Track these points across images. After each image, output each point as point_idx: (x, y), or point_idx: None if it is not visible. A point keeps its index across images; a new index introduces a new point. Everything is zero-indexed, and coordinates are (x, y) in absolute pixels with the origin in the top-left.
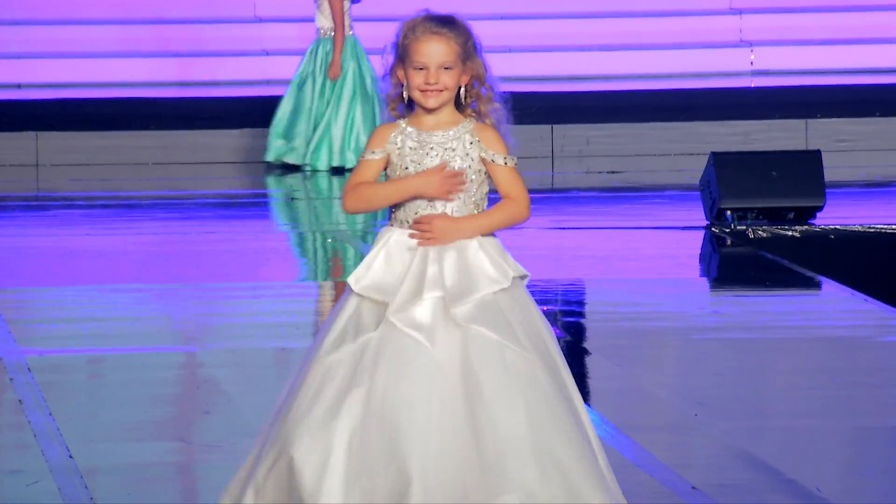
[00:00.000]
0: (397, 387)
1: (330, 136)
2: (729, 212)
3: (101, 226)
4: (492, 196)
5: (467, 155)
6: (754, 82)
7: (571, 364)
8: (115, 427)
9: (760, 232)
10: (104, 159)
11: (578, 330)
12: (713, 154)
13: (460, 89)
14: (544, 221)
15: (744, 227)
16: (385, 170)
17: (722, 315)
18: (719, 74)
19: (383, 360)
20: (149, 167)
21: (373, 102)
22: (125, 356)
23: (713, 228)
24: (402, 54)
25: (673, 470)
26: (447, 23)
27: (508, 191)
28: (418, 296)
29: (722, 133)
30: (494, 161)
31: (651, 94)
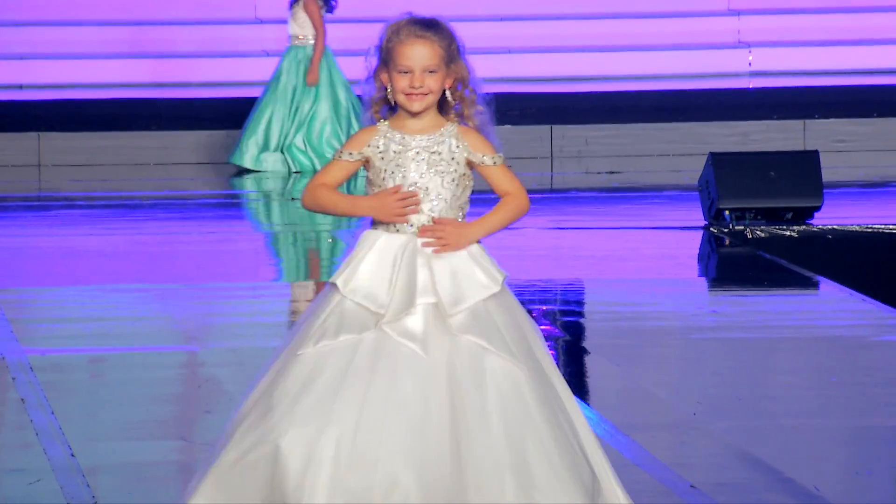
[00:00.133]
0: (391, 392)
1: (308, 141)
2: (727, 212)
3: (103, 226)
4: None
5: (453, 159)
6: (752, 83)
7: (571, 364)
8: (117, 426)
9: (759, 232)
10: (105, 160)
11: (577, 329)
12: (712, 154)
13: (444, 92)
14: (544, 221)
15: (742, 227)
16: (367, 173)
17: (720, 315)
18: (718, 75)
19: (378, 365)
20: (150, 167)
21: (343, 109)
22: (127, 355)
23: (712, 228)
24: (386, 57)
25: (672, 469)
26: (431, 26)
27: (506, 188)
28: (411, 305)
29: (720, 133)
30: (484, 162)
31: (650, 95)
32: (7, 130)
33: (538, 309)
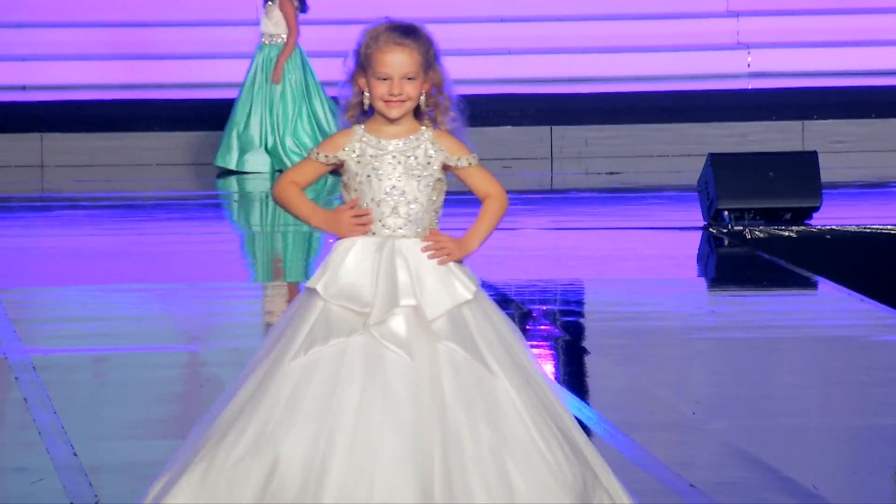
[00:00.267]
0: (384, 397)
1: (283, 142)
2: (726, 212)
3: (105, 226)
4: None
5: (429, 163)
6: (751, 84)
7: (571, 363)
8: (119, 425)
9: (757, 232)
10: (107, 160)
11: (577, 329)
12: (711, 155)
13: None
14: (543, 222)
15: (741, 228)
16: (342, 176)
17: (719, 315)
18: (717, 76)
19: (368, 370)
20: (152, 168)
21: (317, 109)
22: (129, 355)
23: (711, 229)
24: (365, 63)
25: (671, 468)
26: (410, 33)
27: (487, 189)
28: (395, 305)
29: (719, 134)
30: (460, 165)
31: (649, 96)
32: (10, 131)
33: (538, 309)
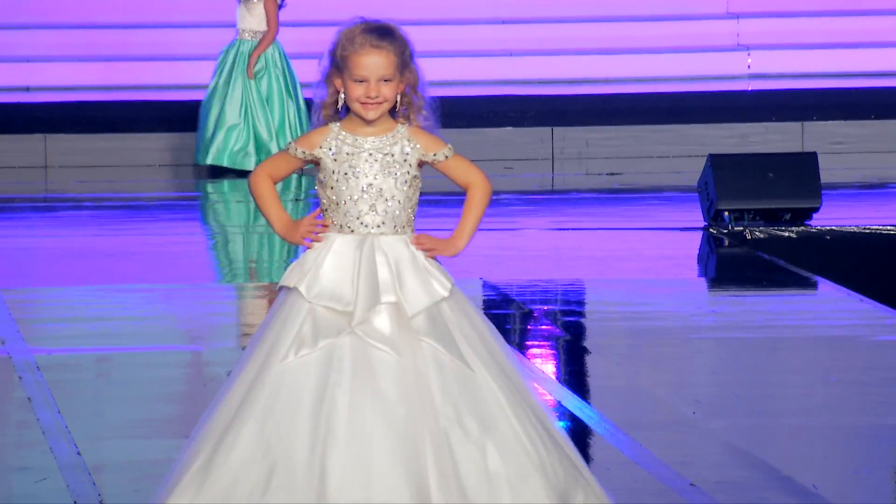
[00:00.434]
0: (375, 398)
1: (259, 139)
2: (726, 213)
3: (109, 226)
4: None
5: (405, 160)
6: (751, 85)
7: (572, 363)
8: (123, 424)
9: (757, 233)
10: (111, 161)
11: (578, 329)
12: (711, 156)
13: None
14: (544, 222)
15: (741, 228)
16: (318, 174)
17: (719, 315)
18: (717, 78)
19: (356, 371)
20: (155, 168)
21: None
22: (132, 355)
23: (711, 229)
24: (341, 65)
25: (671, 467)
26: (386, 35)
27: (467, 179)
28: (377, 302)
29: (719, 135)
30: (437, 159)
31: (649, 97)
32: (14, 132)
33: (539, 309)
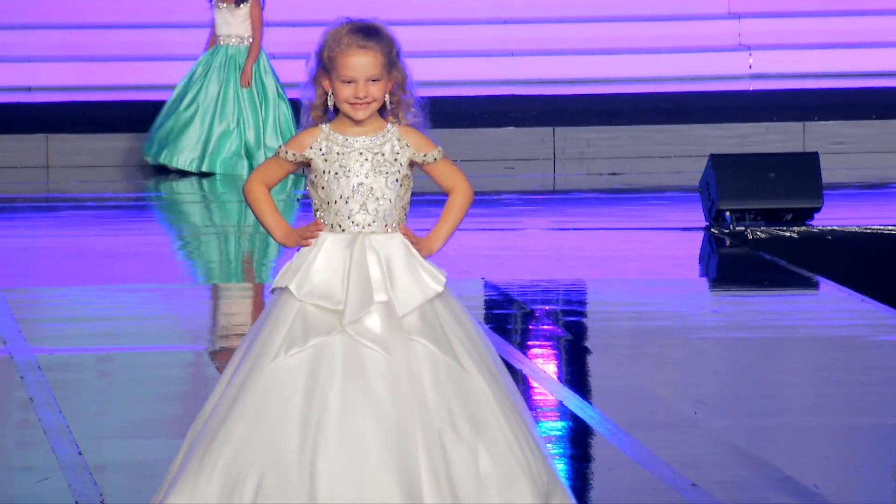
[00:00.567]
0: (366, 398)
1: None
2: (728, 213)
3: (110, 226)
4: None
5: (396, 160)
6: (752, 85)
7: (573, 363)
8: (124, 424)
9: (759, 233)
10: (113, 161)
11: (579, 329)
12: (712, 156)
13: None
14: (546, 222)
15: (742, 228)
16: (310, 175)
17: (721, 315)
18: (718, 78)
19: (347, 371)
20: (156, 169)
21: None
22: (134, 354)
23: (712, 229)
24: (329, 66)
25: (673, 467)
26: (373, 34)
27: (451, 183)
28: (369, 302)
29: (720, 135)
30: (426, 161)
31: (651, 98)
32: (16, 132)
33: (541, 309)
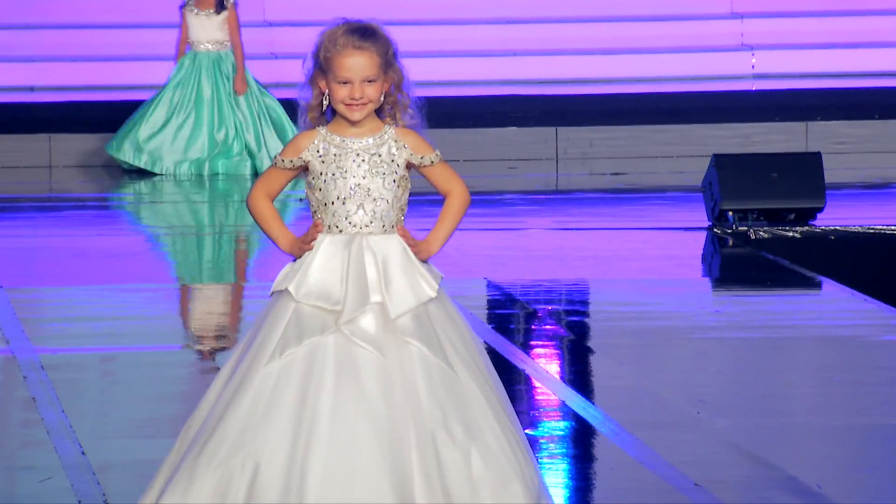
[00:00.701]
0: (358, 399)
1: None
2: (730, 213)
3: (113, 226)
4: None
5: (393, 161)
6: (755, 85)
7: (576, 363)
8: (127, 424)
9: (761, 233)
10: (114, 161)
11: (582, 329)
12: (715, 156)
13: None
14: (548, 222)
15: (745, 228)
16: (308, 177)
17: (723, 315)
18: (721, 78)
19: (340, 371)
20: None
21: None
22: (136, 354)
23: (715, 229)
24: (325, 67)
25: (675, 467)
26: (369, 35)
27: (448, 187)
28: (366, 303)
29: (723, 135)
30: (424, 163)
31: (653, 98)
32: (18, 132)
33: (543, 308)
